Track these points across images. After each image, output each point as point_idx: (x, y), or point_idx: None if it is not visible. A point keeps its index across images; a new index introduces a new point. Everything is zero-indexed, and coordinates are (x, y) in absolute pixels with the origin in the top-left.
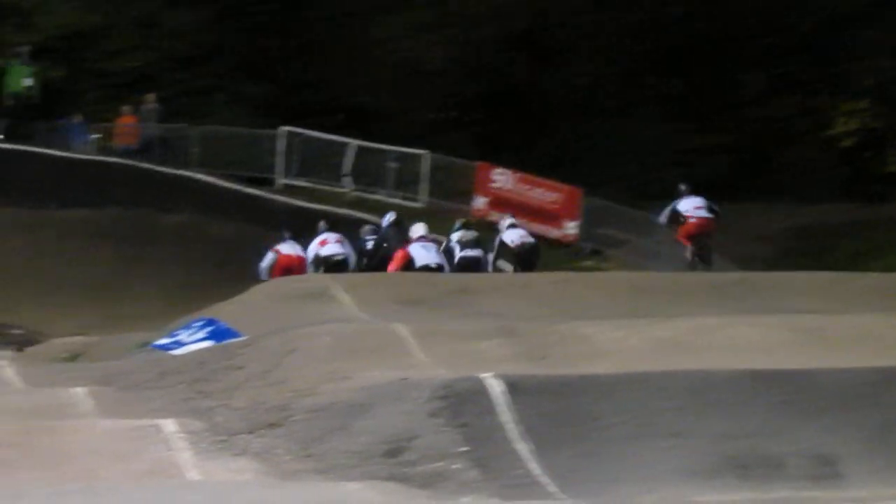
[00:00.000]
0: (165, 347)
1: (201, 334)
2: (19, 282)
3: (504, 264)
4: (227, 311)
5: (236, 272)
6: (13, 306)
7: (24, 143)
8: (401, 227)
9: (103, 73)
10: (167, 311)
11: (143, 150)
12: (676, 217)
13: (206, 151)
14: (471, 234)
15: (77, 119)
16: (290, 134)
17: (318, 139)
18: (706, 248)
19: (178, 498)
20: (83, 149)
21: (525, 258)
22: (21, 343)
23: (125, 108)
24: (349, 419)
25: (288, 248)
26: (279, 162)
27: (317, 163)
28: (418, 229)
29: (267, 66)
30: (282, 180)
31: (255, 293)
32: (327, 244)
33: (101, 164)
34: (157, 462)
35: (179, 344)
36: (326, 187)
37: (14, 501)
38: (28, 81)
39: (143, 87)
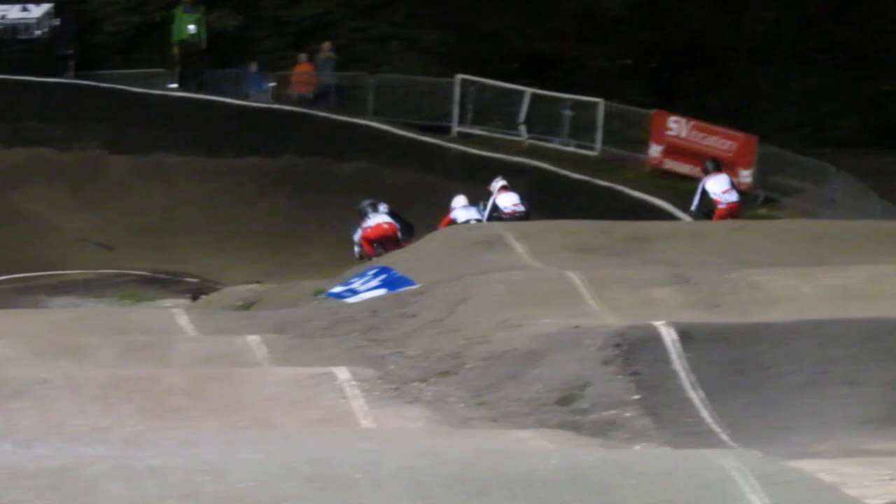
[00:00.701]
0: (339, 296)
1: (375, 282)
2: (194, 230)
3: None
4: (400, 259)
5: (411, 220)
6: (188, 255)
7: (195, 91)
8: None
9: (279, 21)
10: (341, 259)
11: (319, 99)
12: (705, 197)
13: (381, 100)
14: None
15: (253, 67)
16: (466, 82)
17: (494, 87)
18: None
19: (350, 445)
20: (259, 97)
21: None
22: (196, 291)
23: (301, 57)
24: (522, 367)
25: (373, 220)
26: (454, 110)
27: (492, 111)
28: (460, 200)
29: (443, 13)
30: (457, 128)
31: (428, 241)
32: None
33: (276, 112)
34: (330, 410)
35: (353, 292)
36: (501, 135)
37: (188, 448)
38: (192, 28)
39: (318, 35)
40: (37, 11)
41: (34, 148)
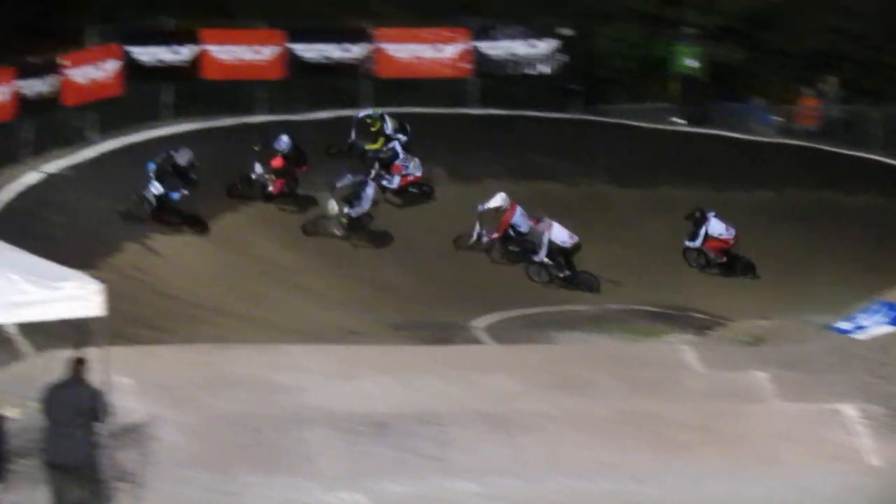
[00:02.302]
0: (846, 331)
1: (883, 318)
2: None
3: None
4: None
5: None
6: (695, 290)
7: (697, 125)
8: None
9: (784, 55)
10: (850, 294)
11: (825, 132)
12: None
13: (888, 133)
14: None
15: (758, 102)
16: None
17: None
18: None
19: (858, 483)
20: (765, 131)
21: (571, 255)
22: (702, 327)
23: (806, 90)
24: None
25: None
26: None
27: None
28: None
29: None
30: None
31: None
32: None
33: (782, 146)
34: (837, 446)
35: (861, 328)
36: None
37: (697, 483)
38: (692, 62)
39: (824, 67)
40: (543, 47)
41: (541, 182)
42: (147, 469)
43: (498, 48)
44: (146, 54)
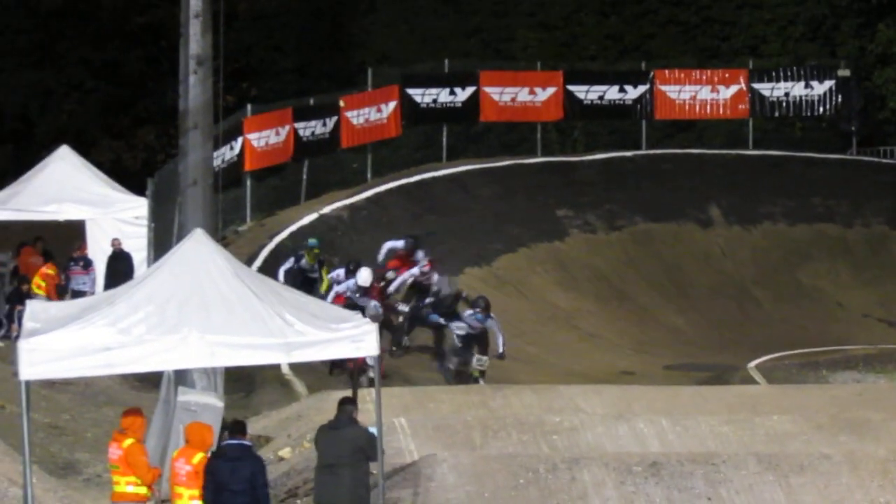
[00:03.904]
0: None
1: None
2: None
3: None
4: None
5: None
6: None
7: None
8: None
9: None
10: None
11: None
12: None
13: None
14: None
15: None
16: None
17: None
18: None
19: None
20: None
21: None
22: None
23: None
24: None
25: None
26: None
27: None
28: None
29: None
30: None
31: None
32: None
33: None
34: None
35: None
36: None
37: None
38: None
39: None
40: (820, 89)
41: (817, 224)
42: None
43: (775, 90)
44: (424, 96)
